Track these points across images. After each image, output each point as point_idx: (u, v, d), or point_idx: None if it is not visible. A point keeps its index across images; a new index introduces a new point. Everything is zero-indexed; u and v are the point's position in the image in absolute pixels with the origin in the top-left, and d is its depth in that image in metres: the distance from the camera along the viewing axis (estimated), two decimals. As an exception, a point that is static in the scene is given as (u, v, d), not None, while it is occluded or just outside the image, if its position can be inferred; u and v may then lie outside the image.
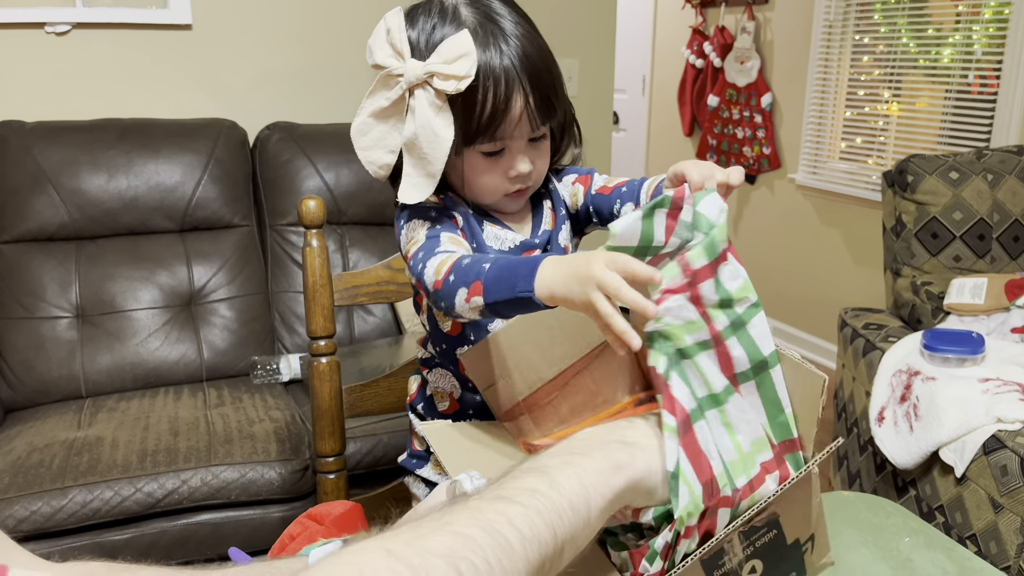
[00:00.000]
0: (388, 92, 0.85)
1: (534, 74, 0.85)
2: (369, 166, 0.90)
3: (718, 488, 0.61)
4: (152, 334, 2.07)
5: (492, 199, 0.92)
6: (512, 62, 0.83)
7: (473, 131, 0.85)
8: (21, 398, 1.97)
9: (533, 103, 0.85)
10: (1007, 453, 1.55)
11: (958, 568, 0.89)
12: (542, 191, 0.99)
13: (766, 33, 3.83)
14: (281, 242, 2.28)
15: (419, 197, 0.86)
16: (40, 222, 2.05)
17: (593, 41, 2.79)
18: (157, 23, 2.31)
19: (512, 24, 0.86)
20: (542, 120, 0.87)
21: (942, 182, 2.17)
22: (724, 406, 0.64)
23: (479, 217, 0.94)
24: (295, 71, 2.49)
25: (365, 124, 0.88)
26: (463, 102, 0.83)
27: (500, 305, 0.74)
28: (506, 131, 0.86)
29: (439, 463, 1.02)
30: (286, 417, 1.89)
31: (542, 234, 0.96)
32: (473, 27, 0.84)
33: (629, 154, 4.93)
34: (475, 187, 0.90)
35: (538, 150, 0.91)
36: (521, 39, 0.85)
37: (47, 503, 1.56)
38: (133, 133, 2.16)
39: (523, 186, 0.91)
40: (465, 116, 0.84)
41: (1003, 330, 1.93)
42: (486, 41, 0.83)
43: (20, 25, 2.17)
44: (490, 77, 0.83)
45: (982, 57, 2.90)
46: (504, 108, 0.84)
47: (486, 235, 0.93)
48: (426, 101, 0.82)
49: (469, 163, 0.88)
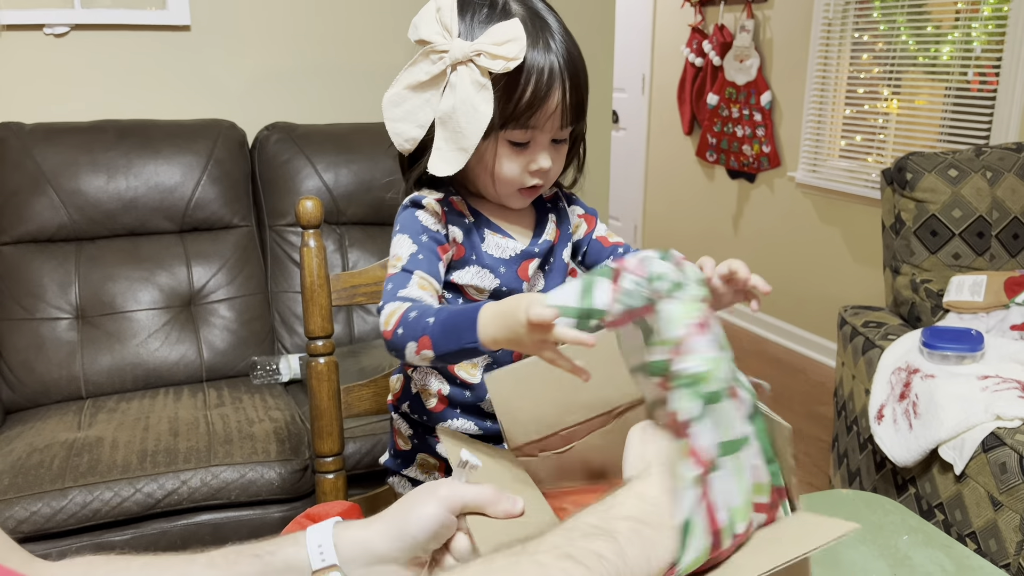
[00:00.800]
0: (429, 67, 0.88)
1: (574, 74, 0.89)
2: (395, 137, 0.93)
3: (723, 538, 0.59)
4: (152, 335, 2.07)
5: (506, 191, 0.94)
6: (557, 57, 0.87)
7: (509, 115, 0.87)
8: (21, 399, 1.97)
9: (569, 101, 0.89)
10: (1006, 450, 1.55)
11: (956, 565, 0.89)
12: (548, 205, 1.02)
13: (765, 31, 3.83)
14: (280, 242, 2.28)
15: (449, 170, 0.88)
16: (40, 223, 2.05)
17: (591, 40, 2.79)
18: (156, 24, 2.31)
19: (557, 24, 0.90)
20: (573, 119, 0.91)
21: (941, 180, 2.17)
22: (739, 453, 0.60)
23: (480, 227, 0.95)
24: (294, 71, 2.49)
25: (400, 96, 0.90)
26: (505, 85, 0.86)
27: (450, 356, 0.80)
28: (539, 121, 0.88)
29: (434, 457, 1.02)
30: (286, 417, 1.89)
31: (542, 243, 0.98)
32: (523, 18, 0.87)
33: (629, 153, 4.93)
34: (496, 173, 0.92)
35: (558, 152, 0.94)
36: (566, 39, 0.89)
37: (47, 504, 1.56)
38: (132, 134, 2.17)
39: (538, 182, 0.93)
40: (505, 99, 0.87)
41: (1002, 327, 1.93)
42: (535, 34, 0.87)
43: (19, 27, 2.18)
44: (535, 65, 0.86)
45: (981, 54, 2.90)
46: (543, 98, 0.87)
47: (487, 245, 0.95)
48: (468, 78, 0.85)
49: (498, 148, 0.91)
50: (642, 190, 4.91)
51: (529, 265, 0.96)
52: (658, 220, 4.86)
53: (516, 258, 0.96)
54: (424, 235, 0.92)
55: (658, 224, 4.87)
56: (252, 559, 0.66)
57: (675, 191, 4.65)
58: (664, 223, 4.80)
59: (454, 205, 0.95)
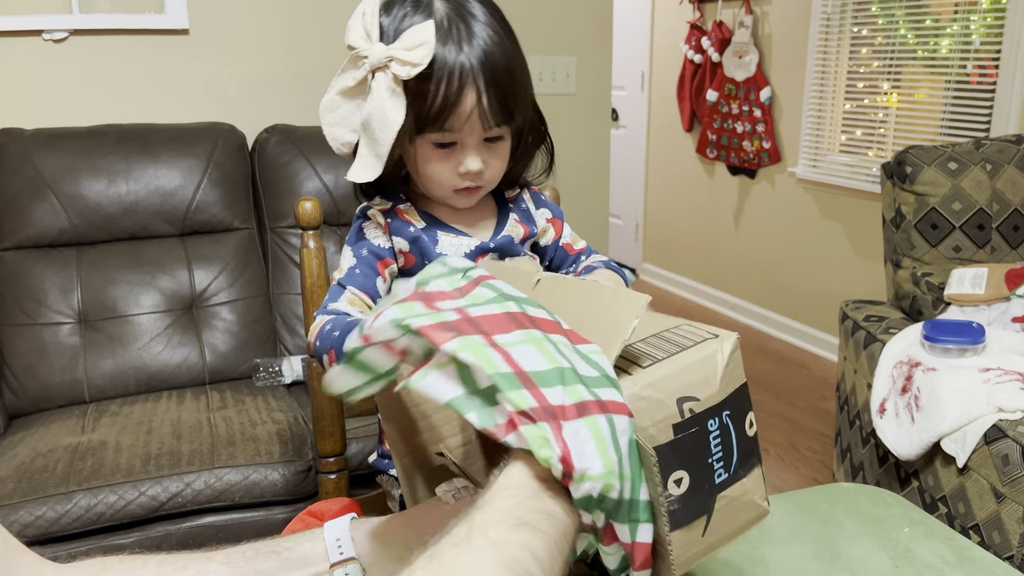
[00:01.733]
0: (355, 72, 0.88)
1: (491, 74, 0.86)
2: (333, 142, 0.94)
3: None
4: (154, 338, 2.07)
5: (442, 193, 0.94)
6: (470, 59, 0.85)
7: (423, 120, 0.87)
8: (25, 404, 1.98)
9: (486, 102, 0.86)
10: (1008, 442, 1.55)
11: (958, 557, 0.89)
12: (511, 205, 1.01)
13: (764, 27, 3.83)
14: (282, 244, 2.29)
15: (367, 177, 0.89)
16: (41, 228, 2.06)
17: (590, 39, 2.79)
18: (154, 28, 2.32)
19: (482, 25, 0.87)
20: (496, 121, 0.89)
21: (941, 173, 2.17)
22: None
23: (432, 230, 0.95)
24: (293, 73, 2.49)
25: (333, 101, 0.91)
26: (417, 90, 0.86)
27: None
28: (455, 124, 0.87)
29: None
30: (289, 419, 1.89)
31: (501, 238, 0.97)
32: (440, 20, 0.86)
33: (629, 151, 4.93)
34: (425, 177, 0.93)
35: (493, 151, 0.92)
36: (487, 39, 0.87)
37: (51, 508, 1.57)
38: (132, 138, 2.17)
39: (472, 184, 0.92)
40: (418, 104, 0.86)
41: (1004, 319, 1.93)
42: (449, 35, 0.86)
43: (18, 33, 2.18)
44: (444, 69, 0.85)
45: (980, 47, 2.90)
46: (455, 102, 0.86)
47: (440, 246, 0.95)
48: (384, 84, 0.85)
49: (421, 152, 0.91)
50: (643, 188, 4.91)
51: (483, 260, 0.96)
52: (659, 218, 4.86)
53: (471, 254, 0.95)
54: (365, 249, 0.95)
55: (659, 222, 4.86)
56: (270, 555, 0.67)
57: (676, 188, 4.65)
58: (665, 221, 4.80)
59: (399, 215, 0.96)
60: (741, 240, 4.19)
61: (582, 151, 2.86)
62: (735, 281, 4.28)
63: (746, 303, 4.21)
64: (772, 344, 3.92)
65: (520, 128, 0.95)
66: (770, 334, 4.03)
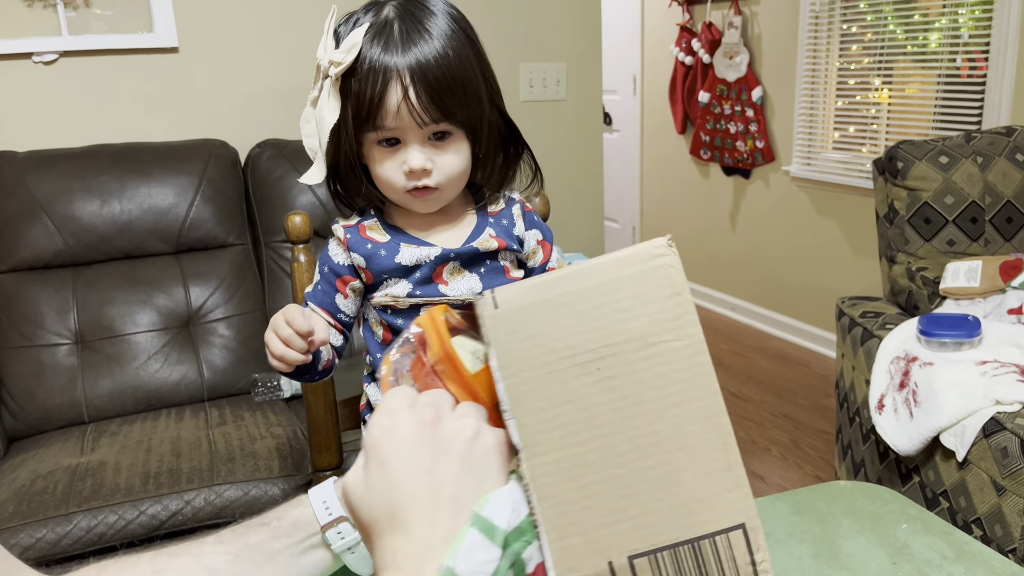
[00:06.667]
0: (319, 82, 0.91)
1: (420, 69, 0.86)
2: (310, 152, 0.96)
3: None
4: (152, 357, 2.07)
5: (396, 196, 0.94)
6: (397, 56, 0.86)
7: (359, 118, 0.89)
8: (24, 426, 1.98)
9: (414, 96, 0.86)
10: (1007, 435, 1.55)
11: (956, 552, 0.89)
12: (491, 219, 1.00)
13: (753, 27, 3.84)
14: (276, 259, 2.29)
15: (316, 179, 0.94)
16: (36, 250, 2.06)
17: (579, 44, 2.80)
18: (144, 47, 2.32)
19: (428, 25, 0.88)
20: (431, 117, 0.88)
21: (932, 167, 2.17)
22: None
23: (395, 243, 0.96)
24: (283, 88, 2.50)
25: (307, 113, 0.94)
26: (350, 90, 0.88)
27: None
28: (386, 120, 0.88)
29: None
30: (288, 433, 1.89)
31: (464, 248, 0.96)
32: (382, 22, 0.88)
33: (623, 154, 4.94)
34: (379, 181, 0.94)
35: (440, 149, 0.92)
36: (426, 37, 0.87)
37: (52, 530, 1.57)
38: (124, 158, 2.17)
39: (419, 183, 0.92)
40: (353, 104, 0.89)
41: (1000, 312, 1.93)
42: (386, 35, 0.87)
43: (7, 56, 2.19)
44: (369, 67, 0.87)
45: (969, 40, 2.91)
46: (380, 96, 0.87)
47: (401, 257, 0.95)
48: (327, 88, 0.89)
49: (370, 154, 0.93)
50: (638, 191, 4.92)
51: (444, 269, 0.96)
52: (655, 220, 4.86)
53: (431, 263, 0.95)
54: (326, 266, 0.98)
55: (655, 225, 4.87)
56: (260, 527, 0.68)
57: (671, 190, 4.65)
58: (661, 223, 4.80)
59: (361, 232, 0.96)
60: (738, 240, 4.19)
61: (575, 156, 2.86)
62: (733, 281, 4.28)
63: (745, 303, 4.21)
64: (772, 343, 3.92)
65: (474, 127, 0.93)
66: (770, 333, 4.03)
